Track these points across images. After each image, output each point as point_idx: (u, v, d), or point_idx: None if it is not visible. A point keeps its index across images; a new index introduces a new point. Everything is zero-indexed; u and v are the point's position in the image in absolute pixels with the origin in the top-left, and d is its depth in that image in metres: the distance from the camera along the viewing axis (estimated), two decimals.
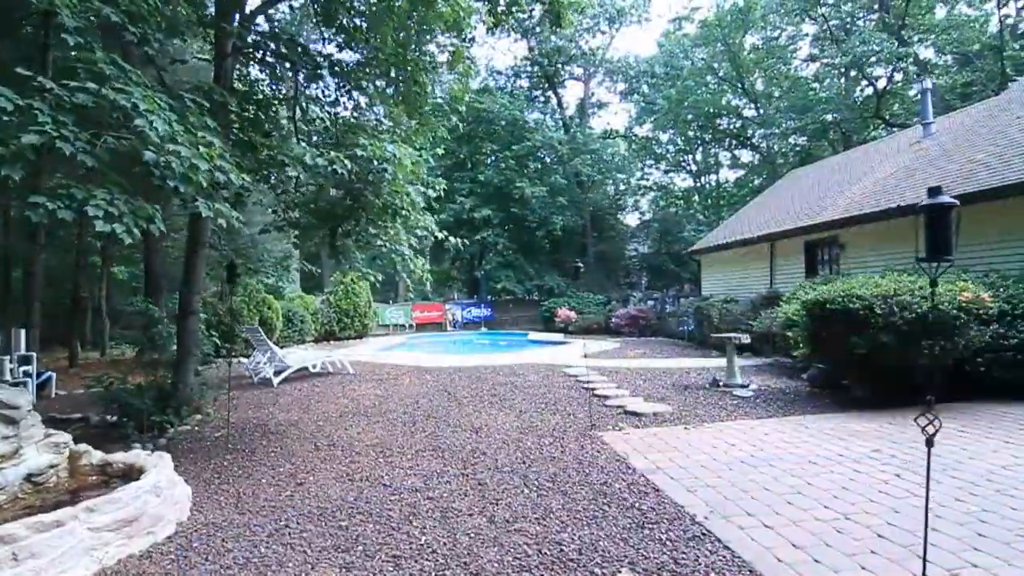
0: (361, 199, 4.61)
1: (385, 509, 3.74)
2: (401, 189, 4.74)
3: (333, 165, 4.28)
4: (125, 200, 3.19)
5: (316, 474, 4.55)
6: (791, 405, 6.64)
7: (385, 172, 4.56)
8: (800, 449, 4.86)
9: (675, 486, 4.08)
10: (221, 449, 5.39)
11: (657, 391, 7.79)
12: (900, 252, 9.35)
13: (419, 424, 6.28)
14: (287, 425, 6.41)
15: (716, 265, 16.25)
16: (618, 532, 3.32)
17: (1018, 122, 9.15)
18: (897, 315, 5.95)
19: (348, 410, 7.17)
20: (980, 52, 21.32)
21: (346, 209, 4.78)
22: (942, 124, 11.96)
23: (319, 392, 8.61)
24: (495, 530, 3.37)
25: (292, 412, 7.14)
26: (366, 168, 4.44)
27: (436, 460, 4.85)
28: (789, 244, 12.64)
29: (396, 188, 4.70)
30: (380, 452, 5.16)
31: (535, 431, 5.79)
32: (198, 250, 6.67)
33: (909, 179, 10.13)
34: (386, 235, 5.30)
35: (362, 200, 4.62)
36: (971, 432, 5.16)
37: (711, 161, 37.95)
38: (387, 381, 9.47)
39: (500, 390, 8.31)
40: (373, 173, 4.44)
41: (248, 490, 4.21)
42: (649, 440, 5.33)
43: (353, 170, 4.36)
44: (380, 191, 4.62)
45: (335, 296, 19.36)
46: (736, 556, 3.01)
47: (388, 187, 4.63)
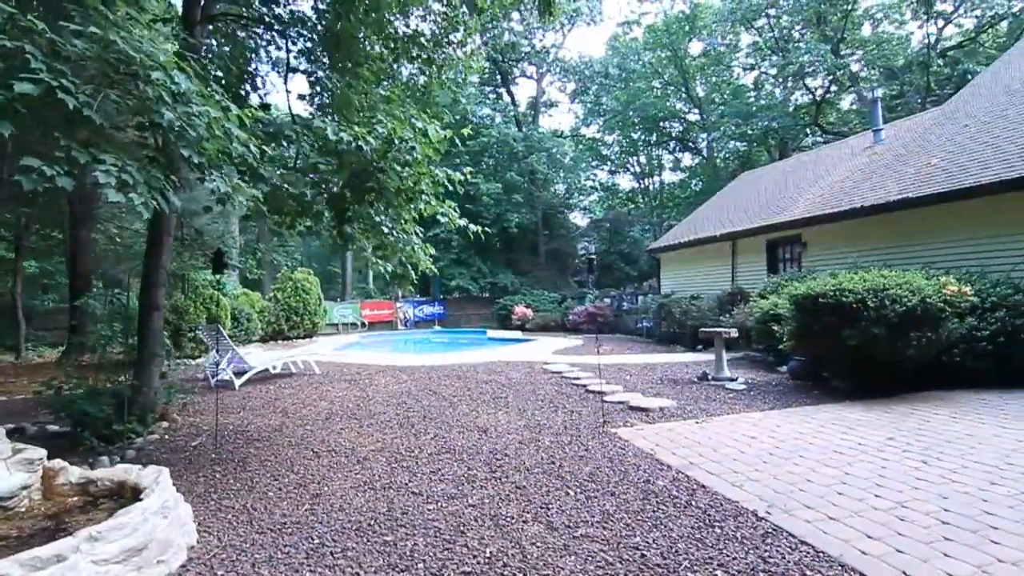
0: (379, 180, 4.19)
1: (428, 520, 3.39)
2: (424, 171, 4.35)
3: (357, 141, 3.83)
4: (138, 167, 2.66)
5: (329, 484, 4.11)
6: (784, 397, 6.77)
7: (413, 151, 4.15)
8: (818, 440, 4.90)
9: (718, 482, 3.97)
10: (206, 459, 4.80)
11: (649, 386, 7.75)
12: (862, 249, 9.84)
13: (418, 426, 5.89)
14: (270, 430, 5.84)
15: (676, 263, 16.62)
16: (689, 533, 3.15)
17: (966, 130, 9.84)
18: (888, 308, 6.17)
19: (332, 413, 6.65)
20: (905, 67, 23.03)
21: (358, 191, 4.33)
22: (891, 131, 12.76)
23: (290, 394, 7.99)
24: (560, 537, 3.11)
25: (269, 416, 6.54)
26: (383, 147, 4.02)
27: (457, 464, 4.52)
28: (751, 243, 13.08)
29: (420, 170, 4.30)
30: (391, 457, 4.76)
31: (546, 430, 5.56)
32: (163, 238, 5.96)
33: (867, 181, 10.70)
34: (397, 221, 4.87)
35: (379, 181, 4.19)
36: (964, 418, 5.40)
37: (654, 164, 39.07)
38: (360, 381, 8.95)
39: (487, 388, 8.01)
40: (396, 151, 4.04)
41: (257, 505, 3.72)
42: (667, 435, 5.23)
43: (375, 147, 3.94)
44: (402, 171, 4.21)
45: (283, 293, 18.28)
46: (820, 552, 2.91)
47: (411, 168, 4.22)
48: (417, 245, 5.22)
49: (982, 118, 9.85)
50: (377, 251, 5.19)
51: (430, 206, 4.58)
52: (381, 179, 4.22)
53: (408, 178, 4.27)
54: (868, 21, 25.28)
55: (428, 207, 4.59)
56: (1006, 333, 6.52)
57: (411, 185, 4.36)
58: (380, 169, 4.17)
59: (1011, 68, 11.14)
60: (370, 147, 3.90)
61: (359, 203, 4.47)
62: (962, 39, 23.13)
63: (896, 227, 9.34)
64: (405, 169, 4.21)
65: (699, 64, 31.01)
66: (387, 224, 4.86)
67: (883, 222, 9.53)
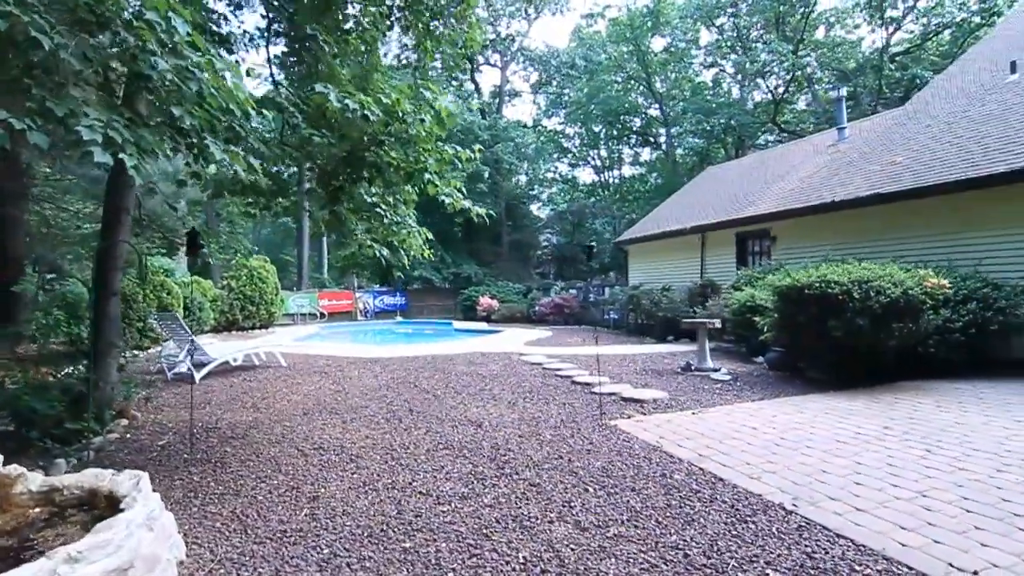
0: (379, 155, 3.81)
1: (445, 523, 3.13)
2: (429, 147, 3.99)
3: (364, 110, 3.45)
4: (124, 123, 2.25)
5: (325, 485, 3.77)
6: (770, 387, 6.82)
7: (423, 123, 3.80)
8: (818, 429, 4.91)
9: (735, 474, 3.88)
10: (178, 460, 4.34)
11: (634, 377, 7.69)
12: (831, 244, 10.10)
13: (406, 421, 5.58)
14: (245, 427, 5.39)
15: (644, 255, 16.74)
16: (724, 529, 3.02)
17: (927, 130, 10.23)
18: (873, 299, 6.29)
19: (309, 407, 6.24)
20: (856, 70, 23.97)
21: (355, 167, 3.94)
22: (853, 130, 13.19)
23: (258, 388, 7.48)
24: (593, 538, 2.92)
25: (240, 412, 6.07)
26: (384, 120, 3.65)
27: (460, 461, 4.26)
28: (721, 236, 13.28)
29: (425, 145, 3.95)
30: (386, 454, 4.45)
31: (543, 423, 5.37)
32: (121, 216, 5.38)
33: (834, 176, 10.99)
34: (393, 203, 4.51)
35: (379, 156, 3.82)
36: (948, 407, 5.56)
37: (614, 157, 39.42)
38: (332, 374, 8.52)
39: (469, 381, 7.75)
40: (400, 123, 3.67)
41: (248, 511, 3.36)
42: (668, 427, 5.13)
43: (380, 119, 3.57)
44: (406, 147, 3.86)
45: (238, 282, 17.35)
46: (860, 545, 2.83)
47: (415, 144, 3.87)
48: (412, 228, 4.89)
49: (943, 119, 10.26)
50: (367, 234, 4.82)
51: (433, 185, 4.26)
52: (381, 155, 3.86)
53: (412, 154, 3.92)
54: (823, 25, 26.22)
55: (431, 186, 4.27)
56: (977, 325, 6.78)
57: (412, 162, 4.02)
58: (380, 143, 3.81)
59: (966, 72, 11.67)
60: (377, 118, 3.55)
61: (356, 181, 4.09)
62: (908, 46, 24.29)
63: (865, 222, 9.62)
64: (409, 144, 3.87)
65: (661, 59, 31.38)
66: (381, 205, 4.51)
67: (852, 217, 9.81)
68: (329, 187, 4.11)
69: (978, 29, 22.29)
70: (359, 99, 3.46)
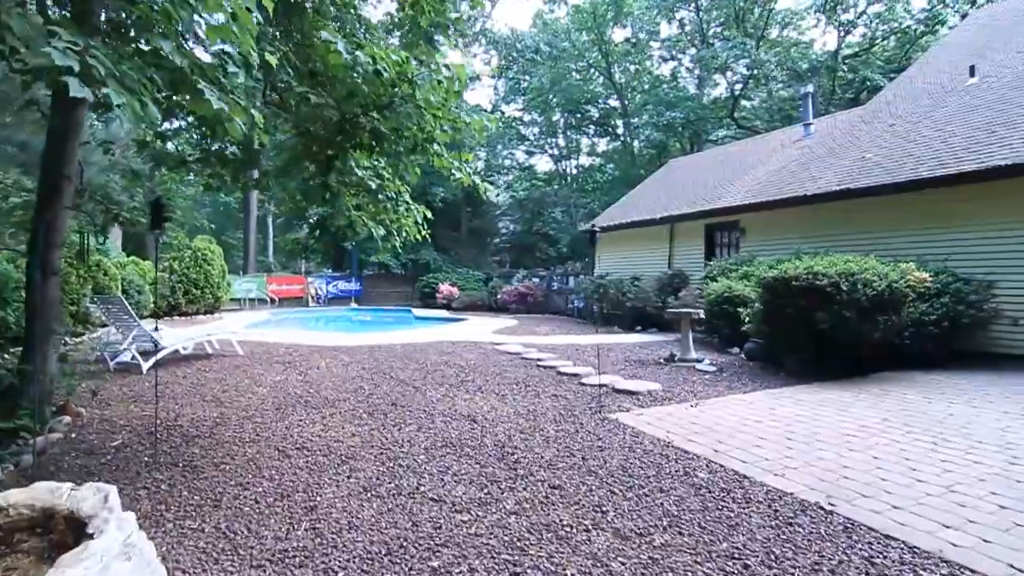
0: (381, 121, 3.35)
1: (470, 535, 2.78)
2: (440, 112, 3.53)
3: (377, 64, 2.98)
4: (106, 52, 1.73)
5: (320, 492, 3.33)
6: (757, 379, 6.80)
7: (440, 84, 3.35)
8: (821, 422, 4.85)
9: (758, 471, 3.72)
10: (138, 465, 3.77)
11: (620, 368, 7.52)
12: (801, 237, 10.27)
13: (392, 415, 5.16)
14: (210, 424, 4.82)
15: (610, 245, 16.70)
16: (772, 533, 2.82)
17: (893, 128, 10.54)
18: (860, 292, 6.33)
19: (279, 401, 5.71)
20: (809, 71, 24.74)
21: (353, 133, 3.45)
22: (818, 126, 13.50)
23: (216, 379, 6.83)
24: (639, 549, 2.66)
25: (200, 406, 5.46)
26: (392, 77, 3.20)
27: (464, 460, 3.91)
28: (690, 227, 13.34)
29: (434, 111, 3.48)
30: (380, 454, 4.03)
31: (541, 417, 5.08)
32: (62, 186, 4.64)
33: (804, 171, 11.19)
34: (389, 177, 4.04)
35: (383, 123, 3.35)
36: (935, 398, 5.65)
37: (572, 146, 39.40)
38: (296, 363, 7.93)
39: (448, 371, 7.37)
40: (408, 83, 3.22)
41: (236, 526, 2.89)
42: (671, 421, 4.96)
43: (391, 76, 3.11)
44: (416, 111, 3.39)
45: (180, 263, 16.14)
46: (913, 547, 2.70)
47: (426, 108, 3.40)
48: (407, 206, 4.44)
49: (907, 118, 10.60)
50: (358, 211, 4.34)
51: (440, 158, 3.83)
52: (385, 120, 3.40)
53: (419, 121, 3.48)
54: (776, 25, 26.93)
55: (437, 159, 3.83)
56: (950, 318, 6.98)
57: (416, 132, 3.57)
58: (384, 107, 3.35)
59: (925, 74, 12.12)
60: (388, 75, 3.09)
61: (353, 150, 3.61)
62: (858, 50, 25.29)
63: (836, 216, 9.82)
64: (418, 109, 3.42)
65: (623, 50, 31.44)
66: (375, 180, 4.04)
67: (823, 210, 9.99)
68: (321, 156, 3.61)
69: (921, 37, 23.47)
70: (370, 51, 2.99)
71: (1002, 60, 10.62)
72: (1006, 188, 7.57)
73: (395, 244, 4.64)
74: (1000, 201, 7.67)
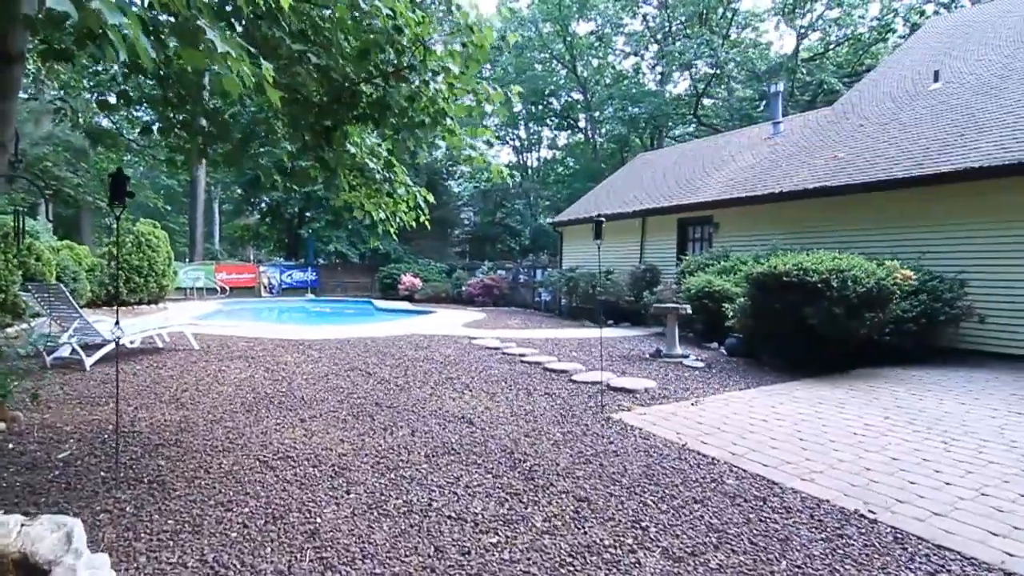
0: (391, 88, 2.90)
1: (506, 561, 2.45)
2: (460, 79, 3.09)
3: (397, 19, 2.52)
4: None
5: (318, 512, 2.92)
6: (746, 375, 6.73)
7: (465, 48, 2.92)
8: (826, 421, 4.77)
9: (784, 476, 3.55)
10: (94, 482, 3.23)
11: (606, 364, 7.31)
12: (775, 233, 10.36)
13: (379, 418, 4.74)
14: (174, 430, 4.27)
15: (579, 238, 16.55)
16: (827, 548, 2.63)
17: (862, 129, 10.78)
18: (850, 288, 6.34)
19: (249, 401, 5.18)
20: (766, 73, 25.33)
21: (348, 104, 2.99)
22: (786, 125, 13.71)
23: (172, 376, 6.20)
24: (697, 571, 2.40)
25: (160, 408, 4.87)
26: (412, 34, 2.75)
27: (473, 469, 3.56)
28: (662, 221, 13.32)
29: (452, 79, 3.04)
30: (377, 464, 3.63)
31: (540, 418, 4.79)
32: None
33: (776, 168, 11.31)
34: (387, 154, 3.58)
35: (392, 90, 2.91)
36: (923, 395, 5.70)
37: (534, 139, 39.15)
38: (260, 359, 7.35)
39: (428, 368, 6.98)
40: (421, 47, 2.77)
41: (225, 558, 2.45)
42: (677, 421, 4.76)
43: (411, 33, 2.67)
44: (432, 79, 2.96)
45: (122, 249, 14.89)
46: (970, 558, 2.56)
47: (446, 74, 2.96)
48: (406, 188, 4.00)
49: (875, 120, 10.85)
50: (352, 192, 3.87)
51: (452, 135, 3.40)
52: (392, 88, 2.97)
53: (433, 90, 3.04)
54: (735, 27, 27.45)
55: (448, 135, 3.41)
56: (927, 315, 7.12)
57: (427, 103, 3.14)
58: (389, 74, 2.92)
59: (888, 78, 12.48)
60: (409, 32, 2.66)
61: (357, 121, 3.14)
62: (813, 54, 26.10)
63: (810, 213, 9.94)
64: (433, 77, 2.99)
65: (586, 43, 31.35)
66: (372, 159, 3.60)
67: (798, 207, 10.11)
68: (318, 126, 3.13)
69: (873, 44, 24.42)
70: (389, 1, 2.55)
71: (960, 68, 11.02)
72: (977, 190, 7.80)
73: (390, 229, 4.21)
74: (971, 202, 7.90)
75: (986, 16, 12.76)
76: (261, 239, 32.17)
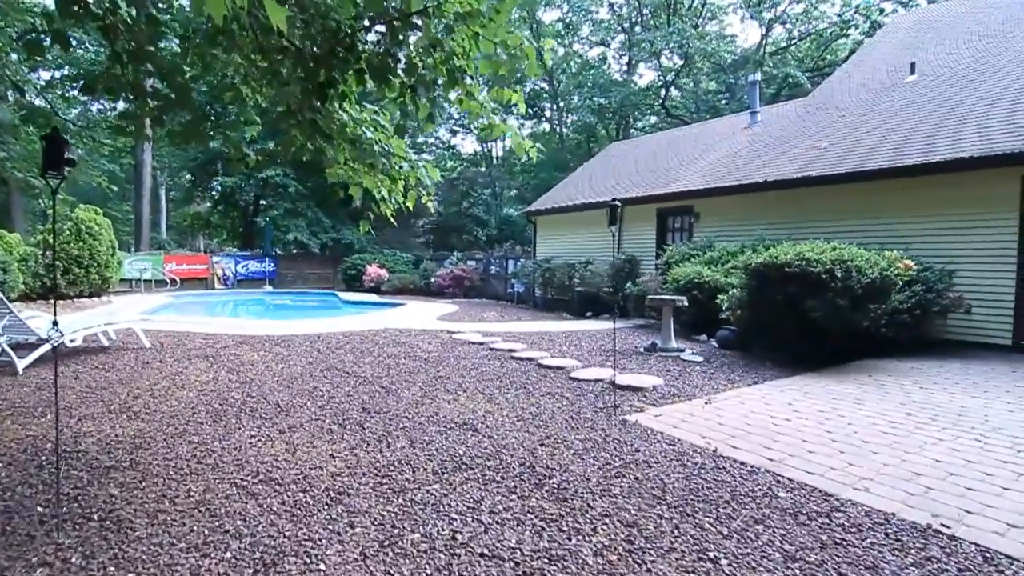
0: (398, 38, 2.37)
1: None
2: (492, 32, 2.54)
3: None
4: None
5: (319, 554, 2.38)
6: (748, 369, 6.47)
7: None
8: (848, 418, 4.52)
9: (833, 485, 3.22)
10: (29, 522, 2.58)
11: (598, 358, 6.95)
12: (758, 223, 10.23)
13: (370, 427, 4.20)
14: (128, 447, 3.62)
15: (554, 228, 16.18)
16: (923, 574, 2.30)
17: (842, 119, 10.76)
18: (854, 279, 6.16)
19: (216, 409, 4.54)
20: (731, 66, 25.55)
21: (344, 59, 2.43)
22: (764, 115, 13.66)
23: (122, 380, 5.46)
24: None
25: (109, 420, 4.18)
26: None
27: (493, 489, 3.09)
28: (640, 211, 13.06)
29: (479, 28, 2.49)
30: (379, 486, 3.11)
31: (549, 423, 4.35)
32: None
33: (757, 157, 11.19)
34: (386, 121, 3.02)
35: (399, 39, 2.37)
36: (931, 388, 5.56)
37: None
38: (223, 358, 6.64)
39: (410, 365, 6.46)
40: None
41: None
42: (697, 422, 4.41)
43: None
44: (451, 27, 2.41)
45: (59, 237, 13.57)
46: None
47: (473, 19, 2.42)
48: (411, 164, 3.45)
49: (854, 111, 10.85)
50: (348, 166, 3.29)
51: (470, 99, 2.86)
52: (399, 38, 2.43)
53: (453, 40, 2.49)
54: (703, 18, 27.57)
55: (468, 101, 2.86)
56: (921, 306, 7.05)
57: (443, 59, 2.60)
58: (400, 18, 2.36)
59: (861, 71, 12.55)
60: None
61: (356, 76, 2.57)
62: (777, 48, 26.47)
63: (795, 203, 9.84)
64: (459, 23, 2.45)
65: (554, 31, 30.91)
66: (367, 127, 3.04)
67: (781, 198, 9.99)
68: (313, 80, 2.55)
69: (835, 40, 24.93)
70: None
71: (933, 61, 11.14)
72: (964, 180, 7.80)
73: (387, 211, 3.66)
74: (958, 192, 7.90)
75: (952, 12, 12.99)
76: (213, 228, 30.49)
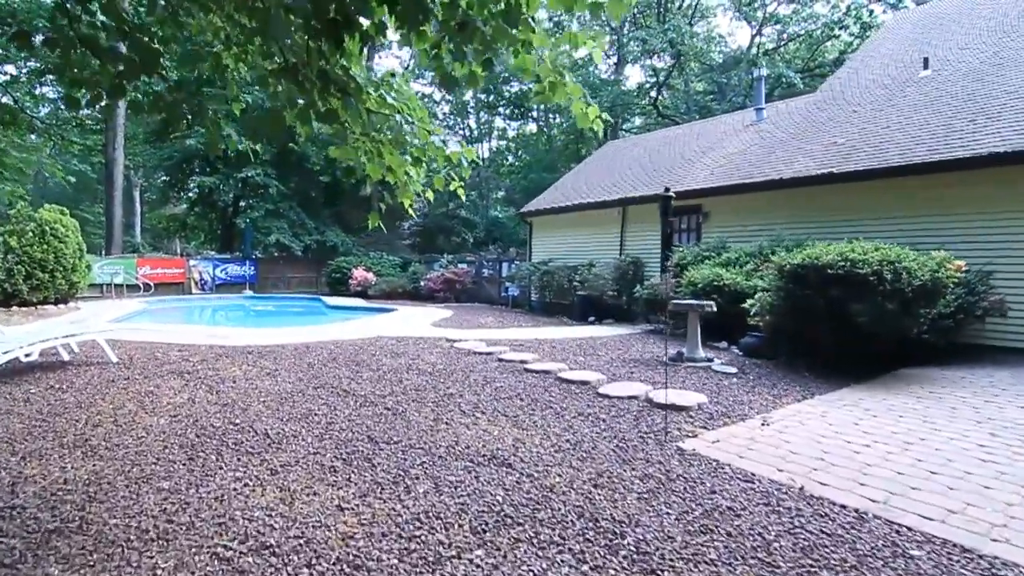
0: None
1: None
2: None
3: None
4: None
5: None
6: (790, 381, 5.87)
7: None
8: (928, 440, 3.94)
9: (967, 537, 2.62)
10: None
11: (619, 369, 6.32)
12: (771, 222, 9.72)
13: (380, 463, 3.49)
14: (81, 497, 2.86)
15: (550, 229, 15.56)
16: None
17: (855, 115, 10.34)
18: (905, 282, 5.63)
19: (190, 442, 3.78)
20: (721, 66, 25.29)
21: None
22: (769, 111, 13.21)
23: (81, 404, 4.67)
24: None
25: (59, 457, 3.41)
26: None
27: (558, 555, 2.41)
28: (644, 210, 12.48)
29: None
30: (407, 556, 2.41)
31: (597, 456, 3.68)
32: None
33: (771, 154, 10.70)
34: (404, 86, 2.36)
35: None
36: (995, 401, 5.04)
37: (484, 129, 37.85)
38: (201, 374, 5.86)
39: (418, 381, 5.75)
40: None
41: None
42: (760, 450, 3.79)
43: None
44: None
45: (20, 239, 12.55)
46: None
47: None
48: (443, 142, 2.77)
49: (869, 106, 10.44)
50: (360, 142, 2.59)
51: (528, 49, 2.16)
52: None
53: None
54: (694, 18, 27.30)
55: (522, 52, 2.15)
56: (963, 310, 6.57)
57: None
58: None
59: (869, 68, 12.19)
60: None
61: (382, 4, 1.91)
62: (767, 48, 26.28)
63: (815, 201, 9.34)
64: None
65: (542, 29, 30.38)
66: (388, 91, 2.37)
67: (801, 195, 9.50)
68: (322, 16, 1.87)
69: (826, 41, 24.81)
70: None
71: (946, 56, 10.79)
72: (998, 176, 7.37)
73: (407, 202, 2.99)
74: (991, 189, 7.46)
75: (958, 9, 12.70)
76: (190, 230, 29.27)
